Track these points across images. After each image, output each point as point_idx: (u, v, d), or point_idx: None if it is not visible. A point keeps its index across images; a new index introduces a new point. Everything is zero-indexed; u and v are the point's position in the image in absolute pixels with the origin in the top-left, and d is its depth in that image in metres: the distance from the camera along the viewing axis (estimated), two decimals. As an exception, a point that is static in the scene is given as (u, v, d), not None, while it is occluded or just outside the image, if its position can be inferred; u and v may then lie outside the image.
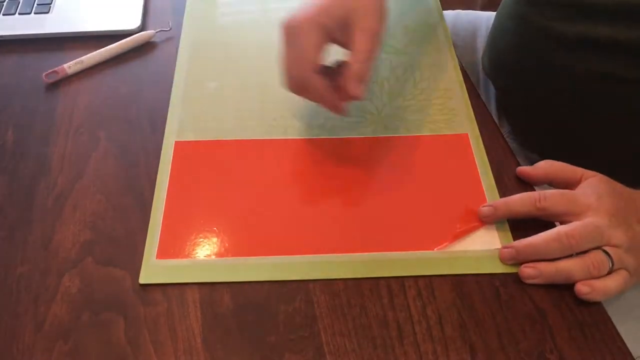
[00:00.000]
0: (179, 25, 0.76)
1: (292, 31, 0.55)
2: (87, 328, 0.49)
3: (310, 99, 0.58)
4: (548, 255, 0.51)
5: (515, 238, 0.54)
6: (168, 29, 0.74)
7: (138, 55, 0.72)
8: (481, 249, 0.54)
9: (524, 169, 0.59)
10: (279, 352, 0.47)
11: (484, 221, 0.55)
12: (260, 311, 0.50)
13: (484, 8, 0.94)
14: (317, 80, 0.55)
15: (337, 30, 0.54)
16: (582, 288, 0.50)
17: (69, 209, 0.57)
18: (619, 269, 0.51)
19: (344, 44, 0.56)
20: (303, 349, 0.48)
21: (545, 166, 0.58)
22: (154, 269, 0.52)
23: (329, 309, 0.50)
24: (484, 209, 0.55)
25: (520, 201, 0.54)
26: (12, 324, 0.49)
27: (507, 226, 0.56)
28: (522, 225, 0.55)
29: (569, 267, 0.51)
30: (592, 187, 0.54)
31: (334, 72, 0.57)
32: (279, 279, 0.52)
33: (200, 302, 0.50)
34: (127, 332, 0.49)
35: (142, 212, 0.56)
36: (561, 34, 0.62)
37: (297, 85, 0.56)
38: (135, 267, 0.52)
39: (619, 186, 0.54)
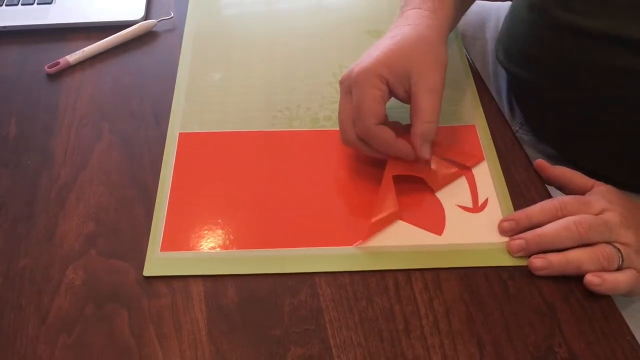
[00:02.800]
0: (182, 16, 0.75)
1: (350, 84, 0.53)
2: (91, 320, 0.48)
3: (372, 152, 0.55)
4: (557, 245, 0.51)
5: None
6: (170, 16, 0.74)
7: (141, 45, 0.72)
8: (489, 241, 0.53)
9: (543, 164, 0.58)
10: (284, 346, 0.47)
11: (506, 236, 0.54)
12: (265, 304, 0.49)
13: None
14: (383, 131, 0.53)
15: (398, 84, 0.53)
16: (592, 279, 0.49)
17: (72, 201, 0.56)
18: (628, 268, 0.50)
19: (404, 99, 0.55)
20: (308, 342, 0.47)
21: (563, 169, 0.58)
22: (158, 261, 0.52)
23: (335, 302, 0.49)
24: (505, 224, 0.54)
25: (541, 212, 0.53)
26: (16, 316, 0.49)
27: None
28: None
29: (579, 256, 0.50)
30: (601, 193, 0.54)
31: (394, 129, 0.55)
32: (284, 272, 0.51)
33: (204, 295, 0.50)
34: (131, 325, 0.48)
35: (145, 204, 0.56)
36: (583, 28, 0.61)
37: (356, 139, 0.54)
38: (139, 260, 0.52)
39: (627, 196, 0.55)
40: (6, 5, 0.75)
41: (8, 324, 0.48)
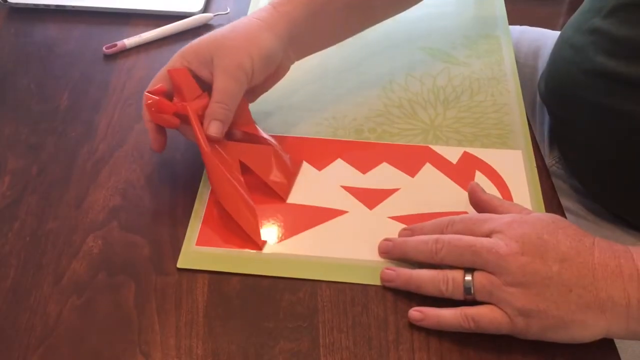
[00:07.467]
0: (238, 13, 0.78)
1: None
2: (101, 287, 0.51)
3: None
4: (412, 256, 0.50)
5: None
6: (226, 12, 0.76)
7: (195, 37, 0.74)
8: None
9: (477, 187, 0.54)
10: (275, 338, 0.48)
11: (382, 257, 0.52)
12: (265, 296, 0.51)
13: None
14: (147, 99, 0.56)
15: (202, 67, 0.56)
16: (413, 314, 0.48)
17: (105, 174, 0.59)
18: (490, 304, 0.46)
19: (210, 82, 0.56)
20: (298, 339, 0.48)
21: (491, 197, 0.53)
22: (192, 255, 0.53)
23: (332, 303, 0.50)
24: (403, 233, 0.53)
25: (432, 225, 0.51)
26: (35, 274, 0.52)
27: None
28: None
29: (421, 276, 0.49)
30: (506, 216, 0.49)
31: None
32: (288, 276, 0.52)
33: (208, 279, 0.52)
34: (136, 297, 0.51)
35: (170, 187, 0.59)
36: (621, 75, 0.59)
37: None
38: (155, 237, 0.54)
39: (571, 227, 0.47)
40: (78, -14, 0.80)
41: (27, 280, 0.52)
